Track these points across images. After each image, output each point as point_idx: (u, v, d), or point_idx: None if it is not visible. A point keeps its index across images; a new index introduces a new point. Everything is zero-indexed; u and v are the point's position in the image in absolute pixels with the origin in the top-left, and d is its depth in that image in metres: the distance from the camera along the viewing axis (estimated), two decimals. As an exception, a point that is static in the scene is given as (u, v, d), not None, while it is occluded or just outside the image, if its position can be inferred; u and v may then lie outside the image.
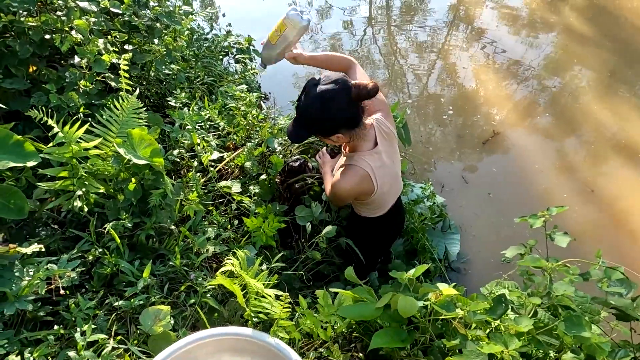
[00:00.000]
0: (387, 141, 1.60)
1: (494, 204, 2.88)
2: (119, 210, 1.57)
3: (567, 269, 1.20)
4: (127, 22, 1.92)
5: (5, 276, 1.21)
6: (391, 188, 1.68)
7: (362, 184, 1.55)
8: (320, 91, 1.39)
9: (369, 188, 1.57)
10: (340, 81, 1.40)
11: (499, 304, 1.12)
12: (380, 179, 1.56)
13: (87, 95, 1.71)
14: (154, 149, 1.58)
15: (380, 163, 1.56)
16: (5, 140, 1.37)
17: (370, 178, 1.54)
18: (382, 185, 1.58)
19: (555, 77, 4.14)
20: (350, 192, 1.57)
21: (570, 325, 1.04)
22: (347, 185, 1.54)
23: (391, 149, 1.63)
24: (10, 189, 1.40)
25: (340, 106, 1.40)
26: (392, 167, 1.64)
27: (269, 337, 1.22)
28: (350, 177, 1.54)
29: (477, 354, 1.07)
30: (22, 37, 1.64)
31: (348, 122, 1.46)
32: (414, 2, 5.55)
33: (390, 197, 1.72)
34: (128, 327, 1.40)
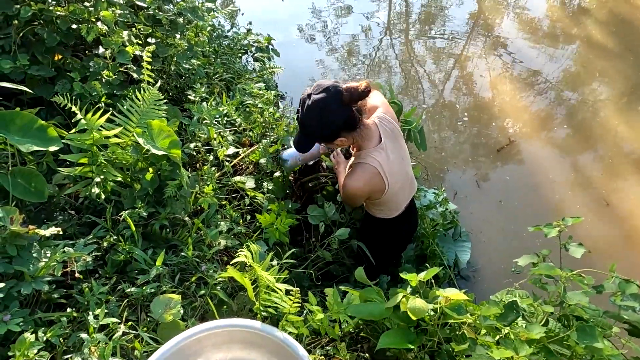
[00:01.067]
0: (391, 138, 1.63)
1: (505, 212, 2.87)
2: (135, 199, 1.60)
3: (581, 279, 1.20)
4: (151, 15, 1.96)
5: (23, 256, 1.24)
6: (403, 187, 1.70)
7: (372, 180, 1.58)
8: (314, 101, 1.44)
9: (379, 185, 1.59)
10: (331, 88, 1.43)
11: (510, 311, 1.12)
12: (390, 175, 1.59)
13: (110, 85, 1.75)
14: (172, 140, 1.61)
15: (387, 158, 1.59)
16: (29, 125, 1.41)
17: (380, 174, 1.57)
18: (393, 182, 1.60)
19: (575, 90, 4.10)
20: (362, 190, 1.59)
21: (582, 335, 1.03)
22: (358, 183, 1.57)
23: (396, 145, 1.66)
24: (32, 172, 1.44)
25: (334, 111, 1.44)
26: (400, 164, 1.66)
27: (277, 331, 1.23)
28: (359, 175, 1.57)
29: (487, 358, 1.07)
30: (50, 25, 1.68)
31: (346, 126, 1.50)
32: (434, 9, 5.56)
33: (403, 197, 1.73)
34: (139, 314, 1.42)
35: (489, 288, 2.37)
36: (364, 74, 4.44)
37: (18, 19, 1.65)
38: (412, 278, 1.19)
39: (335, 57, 4.70)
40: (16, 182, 1.39)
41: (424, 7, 5.55)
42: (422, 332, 1.21)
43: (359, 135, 1.54)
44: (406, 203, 1.76)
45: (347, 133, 1.53)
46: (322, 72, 4.42)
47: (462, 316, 1.09)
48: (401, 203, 1.74)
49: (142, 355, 1.27)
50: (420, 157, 2.94)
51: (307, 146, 1.59)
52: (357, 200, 1.68)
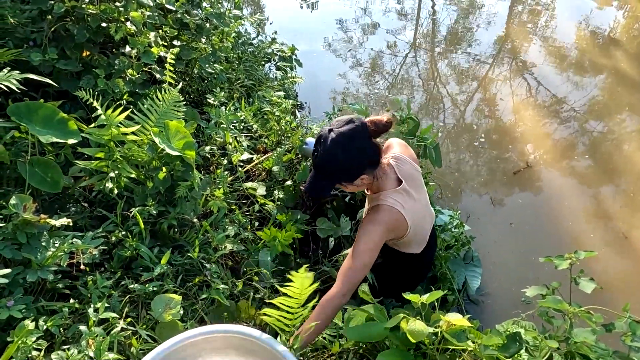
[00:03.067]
0: (410, 179, 1.53)
1: (515, 235, 2.82)
2: (146, 197, 1.62)
3: (589, 316, 1.16)
4: (178, 19, 2.01)
5: (32, 244, 1.26)
6: (424, 223, 1.62)
7: (395, 223, 1.46)
8: (337, 134, 1.34)
9: (402, 227, 1.48)
10: (355, 120, 1.36)
11: (513, 342, 1.08)
12: (413, 217, 1.49)
13: (132, 84, 1.79)
14: (187, 141, 1.63)
15: (409, 200, 1.49)
16: (51, 117, 1.45)
17: (403, 216, 1.45)
18: (415, 224, 1.51)
19: (599, 121, 4.02)
20: (383, 234, 1.43)
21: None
22: (379, 226, 1.42)
23: (416, 183, 1.56)
24: (49, 163, 1.47)
25: (361, 145, 1.36)
26: (420, 201, 1.56)
27: (277, 344, 1.22)
28: (381, 217, 1.43)
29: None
30: (81, 22, 1.74)
31: (371, 161, 1.42)
32: (461, 31, 5.55)
33: (425, 231, 1.65)
34: (139, 311, 1.43)
35: (497, 314, 2.31)
36: (387, 90, 4.45)
37: (52, 14, 1.71)
38: (414, 299, 1.17)
39: (359, 72, 4.72)
40: (33, 171, 1.43)
41: (451, 28, 5.54)
42: (422, 355, 1.18)
43: (380, 174, 1.46)
44: (428, 234, 1.68)
45: (371, 170, 1.43)
46: (344, 85, 4.45)
47: (463, 343, 1.06)
48: (425, 237, 1.65)
49: (138, 353, 1.27)
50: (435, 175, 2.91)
51: (325, 190, 1.45)
52: (377, 245, 1.44)
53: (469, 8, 5.99)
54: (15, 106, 1.38)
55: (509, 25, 5.61)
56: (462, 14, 5.83)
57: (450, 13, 5.82)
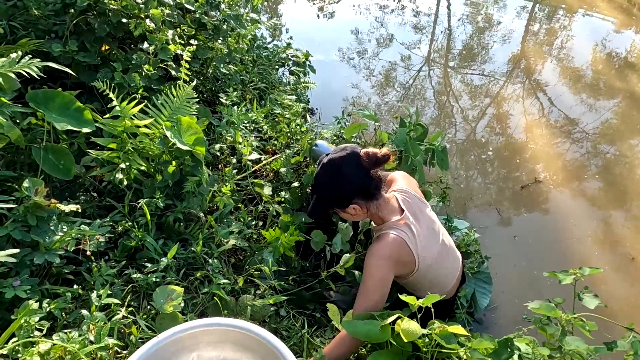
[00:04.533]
0: (414, 210, 1.52)
1: (518, 248, 2.81)
2: (154, 190, 1.65)
3: (583, 324, 1.15)
4: (197, 19, 2.07)
5: (41, 227, 1.29)
6: (440, 261, 1.54)
7: (399, 250, 1.42)
8: (330, 159, 1.40)
9: (407, 256, 1.43)
10: (348, 148, 1.40)
11: (504, 349, 1.08)
12: (419, 248, 1.45)
13: (148, 79, 1.83)
14: (198, 137, 1.67)
15: (414, 231, 1.46)
16: (68, 105, 1.49)
17: (407, 244, 1.42)
18: (424, 257, 1.46)
19: (613, 144, 4.00)
20: (388, 260, 1.39)
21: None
22: (384, 251, 1.39)
23: (423, 217, 1.53)
24: (63, 150, 1.51)
25: (349, 173, 1.39)
26: (431, 236, 1.52)
27: (275, 340, 1.23)
28: (383, 248, 1.40)
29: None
30: (102, 17, 1.79)
31: (361, 191, 1.43)
32: (476, 47, 5.58)
33: (445, 272, 1.58)
34: (141, 301, 1.45)
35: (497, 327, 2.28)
36: (398, 102, 4.48)
37: (74, 7, 1.76)
38: (411, 301, 1.18)
39: (372, 82, 4.76)
40: (47, 158, 1.47)
41: (465, 44, 5.58)
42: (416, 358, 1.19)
43: (377, 206, 1.46)
44: (453, 279, 1.60)
45: (363, 201, 1.44)
46: (356, 95, 4.48)
47: (451, 345, 1.06)
48: (446, 280, 1.58)
49: (137, 341, 1.29)
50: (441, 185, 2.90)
51: (319, 212, 1.51)
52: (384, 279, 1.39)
53: (485, 25, 6.03)
54: (34, 93, 1.42)
55: (524, 43, 5.63)
56: (477, 31, 5.87)
57: (466, 29, 5.86)
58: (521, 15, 6.31)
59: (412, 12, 6.30)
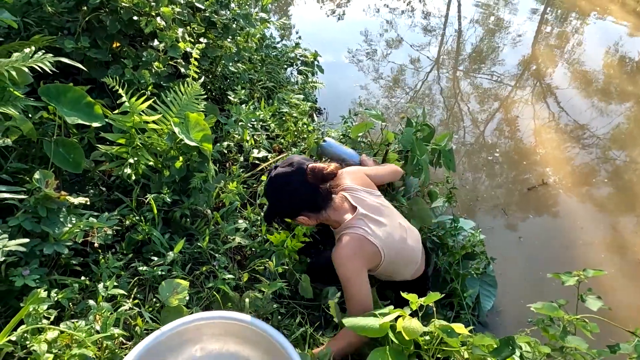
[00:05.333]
0: (367, 203, 1.55)
1: (524, 249, 2.80)
2: (162, 185, 1.68)
3: (584, 324, 1.16)
4: (207, 17, 2.10)
5: (51, 219, 1.33)
6: (404, 244, 1.58)
7: (361, 246, 1.44)
8: (276, 174, 1.44)
9: (370, 248, 1.46)
10: (295, 164, 1.43)
11: (506, 346, 1.09)
12: (382, 240, 1.48)
13: (158, 76, 1.87)
14: (205, 134, 1.70)
15: (370, 224, 1.49)
16: (79, 100, 1.53)
17: (365, 238, 1.45)
18: (388, 244, 1.49)
19: (623, 149, 3.97)
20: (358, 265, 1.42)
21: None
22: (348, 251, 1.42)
23: (377, 207, 1.56)
24: (73, 144, 1.55)
25: (297, 189, 1.43)
26: (390, 223, 1.55)
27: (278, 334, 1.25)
28: (346, 250, 1.42)
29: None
30: (114, 14, 1.83)
31: (308, 205, 1.47)
32: (486, 50, 5.57)
33: (409, 252, 1.61)
34: (146, 294, 1.48)
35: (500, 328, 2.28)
36: (407, 103, 4.48)
37: (87, 5, 1.80)
38: (412, 299, 1.19)
39: (380, 84, 4.78)
40: (57, 151, 1.50)
41: (475, 46, 5.57)
42: (417, 356, 1.20)
43: (328, 214, 1.50)
44: (418, 258, 1.64)
45: (311, 213, 1.49)
46: (364, 96, 4.50)
47: (452, 340, 1.07)
48: (412, 257, 1.62)
49: (142, 332, 1.32)
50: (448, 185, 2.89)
51: (271, 219, 1.60)
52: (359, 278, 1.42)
53: (495, 27, 6.02)
54: (46, 87, 1.46)
55: (535, 47, 5.61)
56: (487, 33, 5.86)
57: (476, 31, 5.86)
58: (532, 18, 6.29)
59: (422, 14, 6.30)
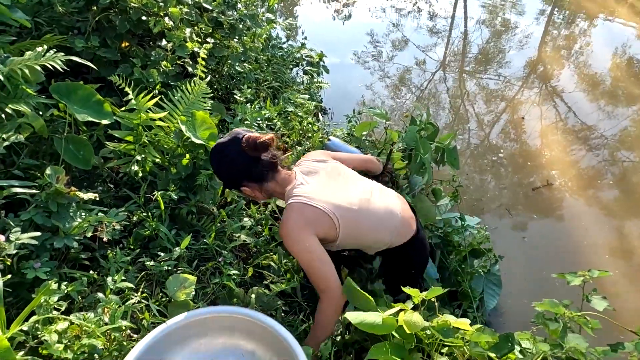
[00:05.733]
0: (312, 172, 1.55)
1: (527, 249, 2.81)
2: (168, 182, 1.72)
3: (585, 321, 1.18)
4: (214, 18, 2.14)
5: (61, 214, 1.37)
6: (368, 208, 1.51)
7: (303, 213, 1.40)
8: (215, 144, 1.44)
9: (315, 215, 1.41)
10: (232, 133, 1.43)
11: (505, 343, 1.11)
12: (320, 197, 1.44)
13: (166, 75, 1.91)
14: (212, 132, 1.73)
15: (308, 186, 1.48)
16: (88, 97, 1.57)
17: (308, 204, 1.41)
18: (338, 206, 1.44)
19: (631, 151, 3.97)
20: (304, 233, 1.38)
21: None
22: (295, 232, 1.38)
23: (327, 173, 1.55)
24: (83, 141, 1.59)
25: (233, 159, 1.41)
26: (342, 185, 1.53)
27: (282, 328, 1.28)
28: (291, 221, 1.39)
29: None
30: (123, 14, 1.88)
31: (246, 175, 1.45)
32: (492, 51, 5.58)
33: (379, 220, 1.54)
34: (153, 288, 1.51)
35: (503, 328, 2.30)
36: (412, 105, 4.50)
37: (97, 5, 1.85)
38: (414, 294, 1.21)
39: (386, 84, 4.80)
40: (68, 148, 1.54)
41: (482, 48, 5.58)
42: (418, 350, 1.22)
43: (274, 185, 1.49)
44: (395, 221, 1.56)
45: (253, 183, 1.47)
46: (370, 96, 4.53)
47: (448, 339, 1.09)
48: (384, 224, 1.55)
49: (149, 325, 1.35)
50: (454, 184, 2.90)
51: (223, 190, 1.69)
52: (308, 244, 1.38)
53: (502, 29, 6.03)
54: (57, 85, 1.50)
55: (541, 48, 5.61)
56: (494, 35, 5.87)
57: (482, 33, 5.87)
58: (539, 19, 6.30)
59: (428, 15, 6.33)
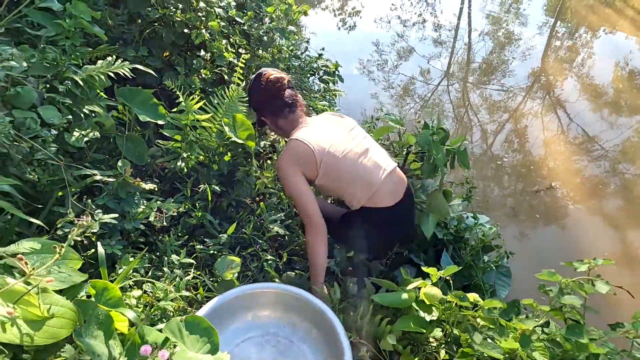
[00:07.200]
0: (322, 120, 1.83)
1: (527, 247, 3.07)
2: (210, 177, 2.01)
3: (581, 285, 1.46)
4: (244, 30, 2.45)
5: (128, 200, 1.65)
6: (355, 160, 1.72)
7: (295, 150, 1.68)
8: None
9: (304, 151, 1.67)
10: (260, 70, 1.81)
11: (513, 308, 1.40)
12: (315, 139, 1.69)
13: (205, 82, 2.21)
14: (250, 133, 2.03)
15: (311, 129, 1.75)
16: (146, 101, 1.86)
17: (301, 143, 1.68)
18: (326, 151, 1.68)
19: (633, 163, 4.22)
20: (287, 163, 1.67)
21: (571, 332, 1.30)
22: (284, 161, 1.68)
23: (331, 123, 1.82)
24: (138, 139, 1.88)
25: (254, 89, 1.80)
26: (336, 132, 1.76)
27: (319, 302, 1.56)
28: (284, 152, 1.70)
29: (493, 346, 1.36)
30: (168, 27, 2.18)
31: (264, 106, 1.82)
32: (496, 62, 5.95)
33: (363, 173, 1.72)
34: (201, 270, 1.79)
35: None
36: (417, 113, 4.82)
37: (144, 18, 2.15)
38: (432, 272, 1.50)
39: (390, 94, 5.12)
40: (127, 145, 1.83)
41: (485, 58, 5.95)
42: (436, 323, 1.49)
43: (284, 123, 1.81)
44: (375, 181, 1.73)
45: (269, 116, 1.83)
46: (374, 105, 4.83)
47: (464, 302, 1.37)
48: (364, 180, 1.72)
49: (202, 299, 1.63)
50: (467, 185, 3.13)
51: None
52: (294, 179, 1.67)
53: (505, 40, 6.40)
54: (122, 90, 1.80)
55: (544, 59, 5.98)
56: (497, 46, 6.24)
57: (486, 44, 6.24)
58: (542, 30, 6.68)
59: (433, 26, 6.70)
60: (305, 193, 1.68)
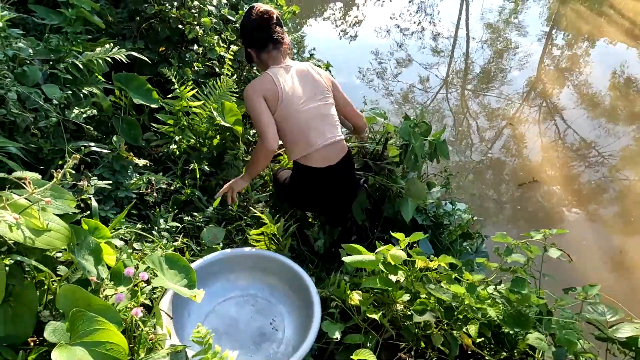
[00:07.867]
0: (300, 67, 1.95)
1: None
2: (200, 160, 2.22)
3: (526, 245, 1.63)
4: (237, 28, 2.69)
5: (122, 173, 1.86)
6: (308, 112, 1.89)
7: (263, 81, 1.84)
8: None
9: (271, 85, 1.83)
10: (253, 4, 1.91)
11: (467, 266, 1.57)
12: (285, 84, 1.84)
13: (197, 74, 2.44)
14: (237, 118, 2.24)
15: (283, 72, 1.88)
16: (141, 86, 2.09)
17: (272, 78, 1.83)
18: (289, 92, 1.84)
19: (630, 170, 4.31)
20: (254, 90, 1.83)
21: (514, 285, 1.47)
22: (251, 85, 1.84)
23: (304, 74, 1.93)
24: (134, 122, 2.10)
25: (245, 19, 1.90)
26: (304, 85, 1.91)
27: (295, 265, 1.74)
28: (255, 80, 1.87)
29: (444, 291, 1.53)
30: (163, 23, 2.43)
31: (251, 39, 1.91)
32: (494, 70, 6.16)
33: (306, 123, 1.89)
34: (189, 239, 1.98)
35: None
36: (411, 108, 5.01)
37: (141, 14, 2.40)
38: (401, 237, 1.67)
39: (390, 100, 5.34)
40: (123, 127, 2.05)
41: (483, 66, 6.16)
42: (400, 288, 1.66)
43: (267, 57, 1.91)
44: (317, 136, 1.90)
45: (254, 48, 1.93)
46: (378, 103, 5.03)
47: (420, 257, 1.54)
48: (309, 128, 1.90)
49: (189, 262, 1.81)
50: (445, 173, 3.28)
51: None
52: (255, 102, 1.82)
53: (503, 48, 6.62)
54: (119, 75, 2.04)
55: (541, 67, 6.18)
56: (495, 54, 6.46)
57: (484, 52, 6.47)
58: (540, 39, 6.90)
59: (432, 34, 6.95)
60: (264, 113, 1.84)
